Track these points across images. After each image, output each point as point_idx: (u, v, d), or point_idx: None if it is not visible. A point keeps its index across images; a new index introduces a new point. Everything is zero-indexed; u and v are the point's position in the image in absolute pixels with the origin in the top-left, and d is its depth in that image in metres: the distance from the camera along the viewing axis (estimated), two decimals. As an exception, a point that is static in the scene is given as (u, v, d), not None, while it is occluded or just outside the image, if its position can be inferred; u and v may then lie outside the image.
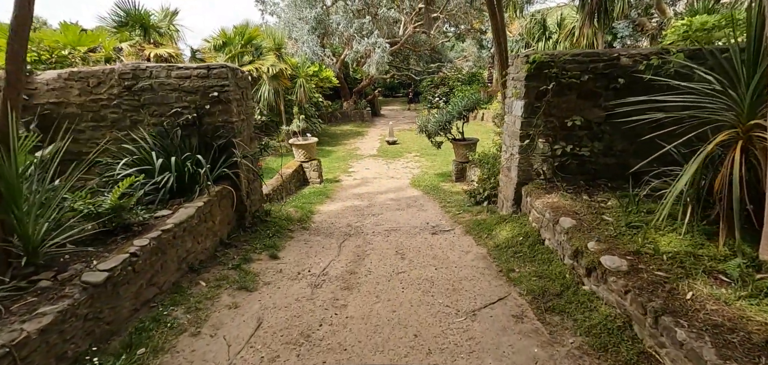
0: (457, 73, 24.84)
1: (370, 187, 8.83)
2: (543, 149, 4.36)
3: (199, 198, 3.88)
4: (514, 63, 4.51)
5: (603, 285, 2.62)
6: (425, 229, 5.22)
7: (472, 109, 8.74)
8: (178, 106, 4.26)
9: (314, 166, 9.05)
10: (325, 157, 12.93)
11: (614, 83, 4.16)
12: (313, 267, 3.90)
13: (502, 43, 6.41)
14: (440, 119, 8.73)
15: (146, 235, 3.04)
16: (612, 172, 4.43)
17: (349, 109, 21.53)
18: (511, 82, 4.68)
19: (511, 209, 4.73)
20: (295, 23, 18.29)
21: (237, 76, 4.47)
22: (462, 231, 4.97)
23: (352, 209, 6.82)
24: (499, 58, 6.50)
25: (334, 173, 10.56)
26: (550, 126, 4.33)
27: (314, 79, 16.33)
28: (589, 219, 3.35)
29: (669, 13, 12.39)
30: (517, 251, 3.89)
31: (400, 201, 7.42)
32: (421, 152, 13.29)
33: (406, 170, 10.92)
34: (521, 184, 4.56)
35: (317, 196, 7.78)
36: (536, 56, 4.08)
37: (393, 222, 5.81)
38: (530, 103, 4.27)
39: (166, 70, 4.19)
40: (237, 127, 4.44)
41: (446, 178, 9.50)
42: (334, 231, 5.28)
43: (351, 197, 7.86)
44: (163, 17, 8.31)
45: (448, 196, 7.51)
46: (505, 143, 4.99)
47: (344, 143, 15.79)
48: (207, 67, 4.20)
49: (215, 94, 4.19)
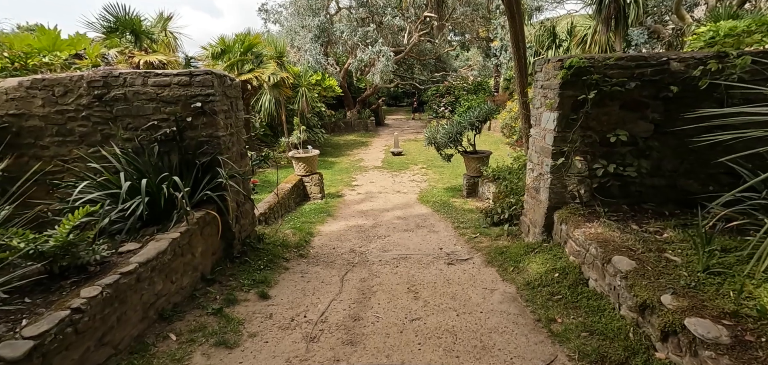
0: (462, 82, 24.33)
1: (375, 203, 8.21)
2: (579, 168, 3.73)
3: (175, 228, 3.27)
4: (544, 69, 3.90)
5: (692, 360, 1.97)
6: (439, 257, 4.58)
7: (485, 120, 8.14)
8: (156, 119, 3.68)
9: (315, 180, 8.46)
10: (328, 168, 12.35)
11: (665, 91, 3.53)
12: (310, 311, 3.27)
13: (521, 48, 5.83)
14: (450, 130, 8.12)
15: (100, 281, 2.43)
16: (660, 195, 3.79)
17: (353, 119, 21.02)
18: (539, 91, 4.07)
19: (541, 236, 4.08)
20: (298, 31, 17.90)
21: (224, 84, 3.89)
22: (482, 261, 4.32)
23: (356, 229, 6.19)
24: (518, 64, 5.91)
25: (337, 187, 9.96)
26: (588, 141, 3.70)
27: (317, 88, 15.83)
28: (650, 260, 2.70)
29: (688, 20, 11.79)
30: (555, 292, 3.24)
31: (409, 220, 6.78)
32: (428, 164, 12.69)
33: (412, 184, 10.30)
34: (553, 209, 3.91)
35: (318, 214, 7.17)
36: (573, 60, 3.47)
37: (402, 246, 5.18)
38: (565, 115, 3.65)
39: (142, 77, 3.62)
40: (224, 143, 3.85)
41: (456, 192, 8.87)
42: (336, 259, 4.64)
43: (355, 215, 7.24)
44: (156, 22, 7.84)
45: (460, 215, 6.87)
46: (531, 160, 4.37)
47: (348, 154, 15.22)
48: (189, 74, 3.63)
49: (198, 105, 3.61)
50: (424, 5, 18.65)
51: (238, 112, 4.22)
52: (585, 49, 14.58)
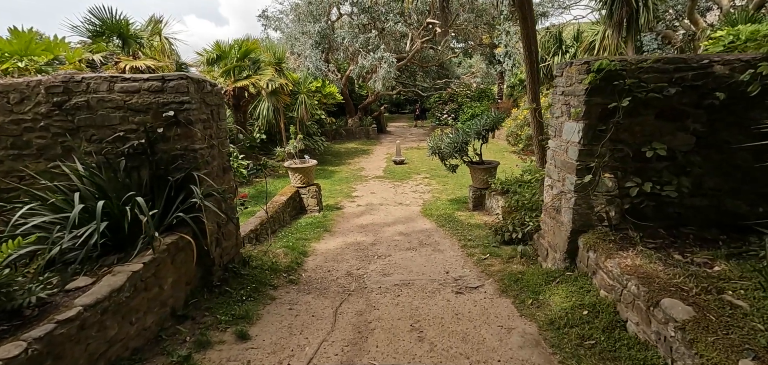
0: (465, 89, 23.93)
1: (376, 216, 7.73)
2: (609, 187, 3.24)
3: (139, 257, 2.80)
4: (567, 73, 3.43)
5: None
6: (446, 284, 4.07)
7: (492, 129, 7.67)
8: (124, 129, 3.23)
9: (312, 192, 7.99)
10: (327, 178, 11.89)
11: (708, 98, 3.05)
12: (296, 356, 2.77)
13: (533, 52, 5.37)
14: (455, 140, 7.65)
15: (28, 333, 1.95)
16: (701, 218, 3.29)
17: (354, 126, 20.63)
18: (559, 99, 3.60)
19: (562, 263, 3.58)
20: (298, 37, 17.58)
21: (203, 90, 3.44)
22: (495, 289, 3.82)
23: (354, 248, 5.71)
24: (529, 69, 5.46)
25: (336, 198, 9.49)
26: (619, 156, 3.21)
27: (317, 95, 15.44)
28: (710, 306, 2.20)
29: (702, 24, 11.36)
30: (585, 335, 2.73)
31: (411, 236, 6.29)
32: (432, 173, 12.22)
33: (415, 195, 9.82)
34: (577, 232, 3.42)
35: (314, 229, 6.68)
36: (603, 63, 3.00)
37: (404, 269, 4.68)
38: (592, 125, 3.17)
39: (108, 82, 3.18)
40: (202, 156, 3.39)
41: (461, 205, 8.37)
42: (330, 284, 4.15)
43: (354, 230, 6.75)
44: (146, 26, 7.47)
45: (467, 231, 6.37)
46: (549, 175, 3.88)
47: (348, 162, 14.77)
48: (161, 79, 3.18)
49: (171, 114, 3.16)
50: (426, 11, 18.32)
51: (221, 122, 3.77)
52: (592, 55, 14.17)
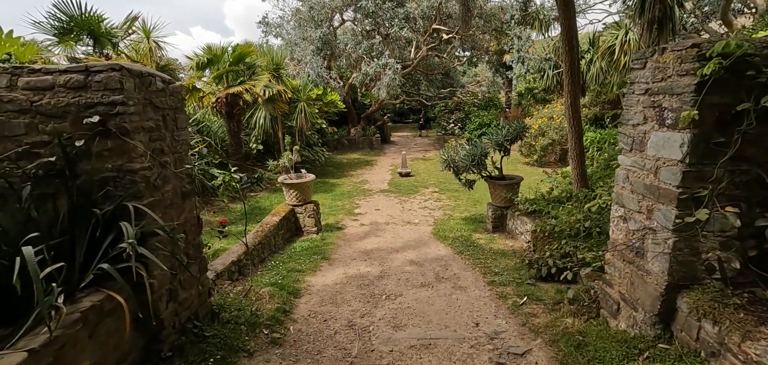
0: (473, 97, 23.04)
1: (382, 239, 6.73)
2: (729, 224, 2.23)
3: (32, 336, 1.82)
4: (655, 62, 2.44)
5: None
6: (480, 347, 3.06)
7: (516, 139, 6.69)
8: (31, 141, 2.27)
9: (310, 210, 7.00)
10: (328, 192, 10.91)
11: None
12: None
13: (574, 44, 4.41)
14: (473, 152, 6.67)
15: None
16: None
17: (357, 136, 19.72)
18: (639, 99, 2.61)
19: (650, 329, 2.55)
20: (298, 43, 16.77)
21: (148, 87, 2.48)
22: (548, 358, 2.80)
23: (358, 281, 4.72)
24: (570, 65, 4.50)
25: (337, 215, 8.50)
26: (743, 180, 2.22)
27: (318, 104, 14.55)
28: None
29: (736, 25, 10.42)
30: None
31: (425, 266, 5.28)
32: (441, 187, 11.22)
33: (424, 212, 8.81)
34: (676, 288, 2.40)
35: (310, 257, 5.69)
36: (729, 44, 2.01)
37: (420, 317, 3.68)
38: (704, 135, 2.18)
39: (9, 76, 2.23)
40: (145, 179, 2.42)
41: (478, 225, 7.36)
42: (325, 346, 3.14)
43: (356, 257, 5.76)
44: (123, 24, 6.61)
45: (491, 260, 5.36)
46: (622, 204, 2.88)
47: (351, 174, 13.81)
48: (84, 71, 2.23)
49: (95, 120, 2.20)
50: (433, 16, 17.51)
51: (179, 132, 2.80)
52: (612, 61, 13.26)
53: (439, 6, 16.93)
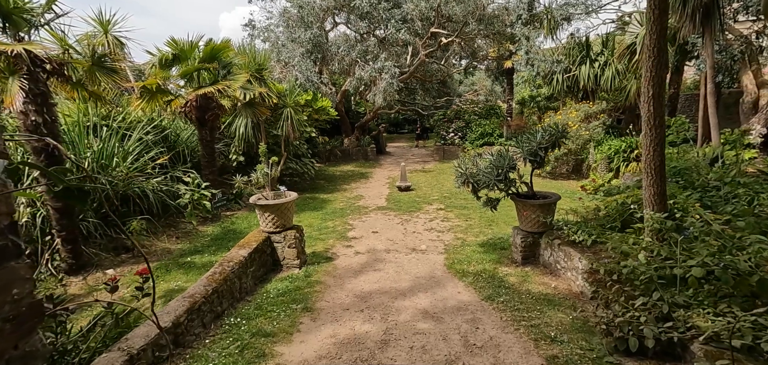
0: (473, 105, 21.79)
1: (383, 274, 5.22)
2: None
3: None
4: None
5: None
6: None
7: (553, 147, 5.27)
8: None
9: (290, 238, 5.45)
10: (317, 210, 9.37)
11: None
12: None
13: (663, 28, 3.02)
14: (498, 163, 5.23)
15: None
16: None
17: (351, 146, 18.27)
18: None
19: None
20: (286, 44, 15.37)
21: None
22: None
23: (351, 355, 3.20)
24: (658, 50, 3.10)
25: (326, 240, 6.95)
26: None
27: (307, 110, 13.07)
28: None
29: (776, 20, 9.29)
30: None
31: (445, 322, 3.80)
32: (446, 203, 9.71)
33: (432, 234, 7.30)
34: None
35: (286, 309, 4.16)
36: None
37: None
38: None
39: None
40: None
41: (498, 252, 5.90)
42: None
43: (350, 306, 4.24)
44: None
45: (534, 312, 3.89)
46: None
47: (344, 188, 12.30)
48: None
49: None
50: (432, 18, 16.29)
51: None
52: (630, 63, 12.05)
53: (439, 7, 15.72)
